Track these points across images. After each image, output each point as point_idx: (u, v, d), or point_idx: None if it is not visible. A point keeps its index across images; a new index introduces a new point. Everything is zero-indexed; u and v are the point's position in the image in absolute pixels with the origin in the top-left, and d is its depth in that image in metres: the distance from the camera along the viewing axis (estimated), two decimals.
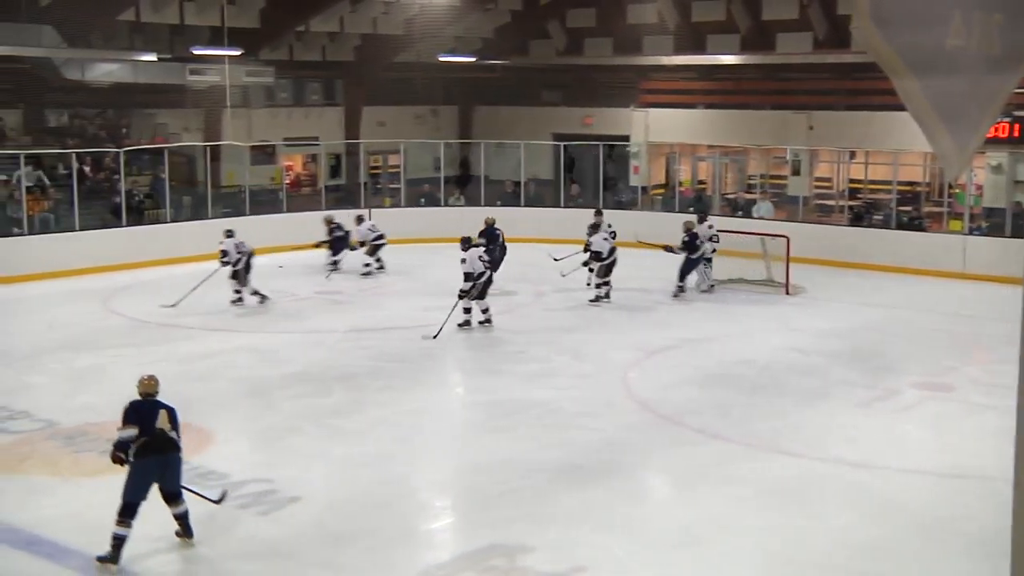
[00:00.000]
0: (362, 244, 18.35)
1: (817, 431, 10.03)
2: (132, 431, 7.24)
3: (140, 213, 20.32)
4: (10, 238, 17.92)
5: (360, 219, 18.76)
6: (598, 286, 15.93)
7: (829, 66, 24.06)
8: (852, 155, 22.91)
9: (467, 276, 13.89)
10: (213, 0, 21.59)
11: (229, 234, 15.54)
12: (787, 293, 16.51)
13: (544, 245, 21.75)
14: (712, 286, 16.63)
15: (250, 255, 15.40)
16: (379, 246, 18.38)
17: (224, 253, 15.31)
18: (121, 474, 7.28)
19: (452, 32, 26.01)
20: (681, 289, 16.33)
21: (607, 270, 15.95)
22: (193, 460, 8.94)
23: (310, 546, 7.46)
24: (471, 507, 8.27)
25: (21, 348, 12.96)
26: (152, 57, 21.26)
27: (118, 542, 7.10)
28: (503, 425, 10.12)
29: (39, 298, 16.08)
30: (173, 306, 15.03)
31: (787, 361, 12.56)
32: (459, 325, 13.90)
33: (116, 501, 7.49)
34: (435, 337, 13.40)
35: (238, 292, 15.42)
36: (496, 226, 17.05)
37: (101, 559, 7.12)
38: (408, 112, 28.33)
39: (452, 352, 13.30)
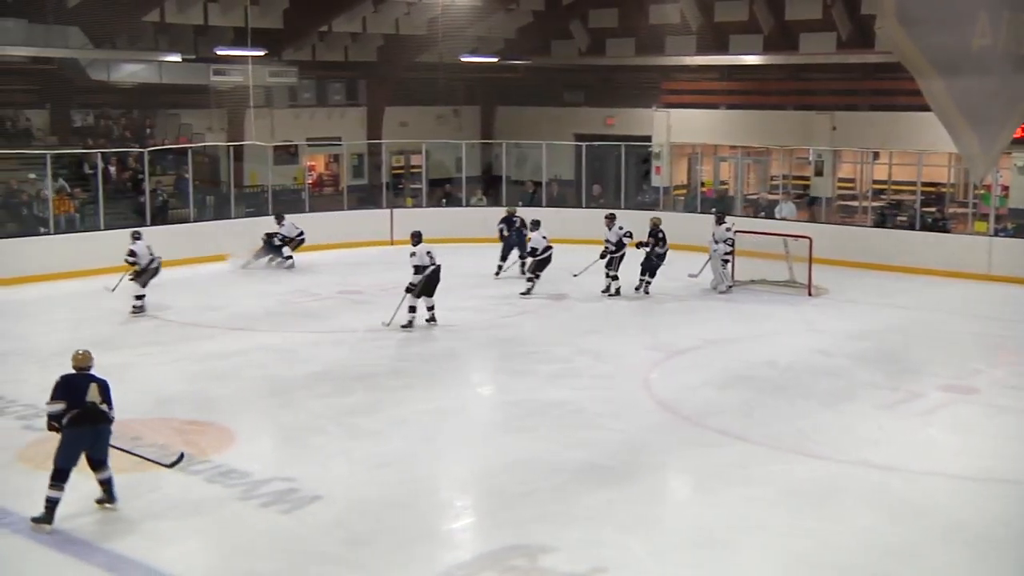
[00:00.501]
0: (287, 241, 19.04)
1: (841, 433, 9.97)
2: (59, 406, 7.80)
3: (164, 213, 20.46)
4: (36, 237, 18.07)
5: (280, 218, 19.32)
6: (529, 279, 16.52)
7: (853, 66, 23.92)
8: (876, 156, 22.76)
9: (416, 269, 13.87)
10: (237, 1, 21.70)
11: (137, 236, 15.12)
12: (809, 294, 16.43)
13: (566, 245, 21.77)
14: (730, 287, 16.57)
15: (158, 260, 15.01)
16: (300, 243, 19.24)
17: (132, 253, 14.86)
18: (144, 472, 7.33)
19: (474, 32, 26.03)
20: (644, 283, 16.42)
21: (539, 265, 16.49)
22: (215, 459, 9.01)
23: (331, 545, 7.48)
24: (492, 507, 8.27)
25: (48, 346, 13.06)
26: (176, 58, 21.43)
27: (51, 504, 7.63)
28: (524, 425, 10.12)
29: (63, 298, 16.20)
30: (112, 290, 15.19)
31: (810, 362, 12.50)
32: (403, 326, 13.84)
33: (140, 497, 7.56)
34: (387, 324, 13.85)
35: (140, 299, 14.89)
36: (515, 216, 18.08)
37: (35, 519, 7.63)
38: (430, 112, 28.38)
39: (473, 352, 13.31)
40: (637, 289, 16.41)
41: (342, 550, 7.41)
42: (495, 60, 26.38)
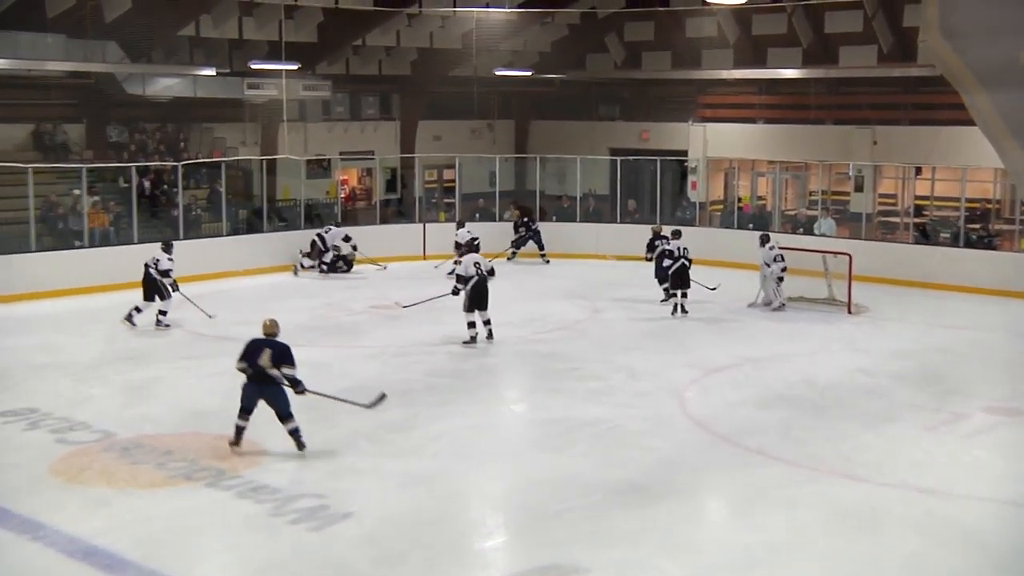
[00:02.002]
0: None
1: (883, 455, 9.84)
2: (241, 365, 9.51)
3: (197, 226, 20.67)
4: (71, 251, 18.30)
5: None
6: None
7: (894, 80, 23.76)
8: (918, 171, 22.55)
9: (459, 279, 13.96)
10: (272, 15, 21.93)
11: (166, 248, 15.28)
12: (849, 312, 16.29)
13: (600, 261, 21.79)
14: (783, 305, 16.46)
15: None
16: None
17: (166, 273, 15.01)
18: (174, 488, 7.35)
19: (509, 46, 26.14)
20: (666, 292, 16.60)
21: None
22: (246, 474, 9.05)
23: (361, 562, 7.48)
24: (526, 526, 8.24)
25: (82, 359, 13.21)
26: (211, 72, 21.69)
27: (238, 430, 9.50)
28: (559, 443, 10.09)
29: (98, 311, 16.38)
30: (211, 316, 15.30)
31: (851, 382, 12.37)
32: (464, 343, 13.89)
33: (171, 514, 7.57)
34: (405, 307, 14.56)
35: (164, 314, 15.02)
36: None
37: (231, 442, 9.44)
38: (464, 126, 28.51)
39: (507, 369, 13.30)
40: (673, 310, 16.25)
41: (372, 568, 7.41)
42: (529, 74, 26.47)
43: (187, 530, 7.99)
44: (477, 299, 13.86)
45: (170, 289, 15.11)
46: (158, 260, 15.17)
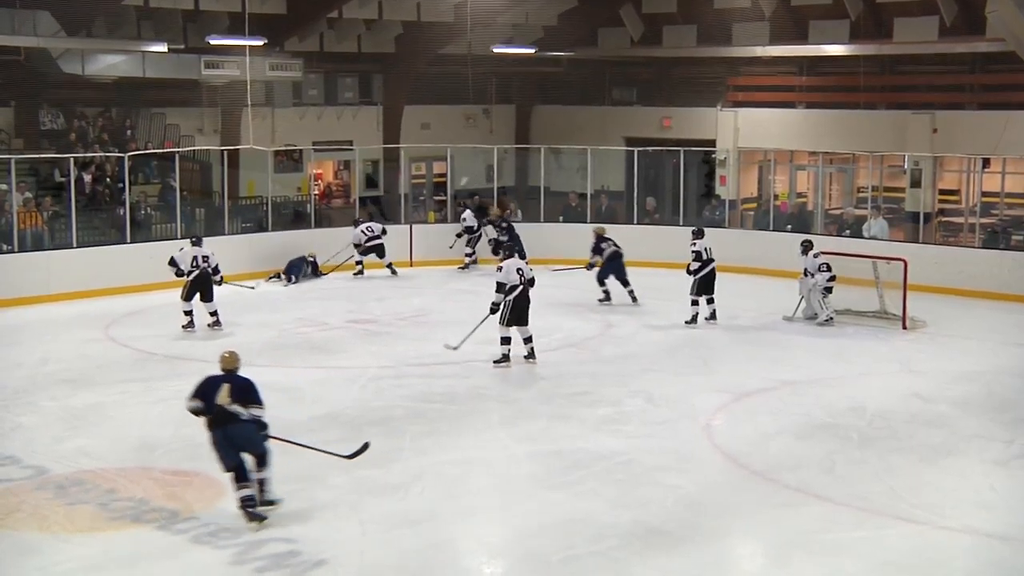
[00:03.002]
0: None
1: (943, 494, 9.85)
2: (195, 404, 9.13)
3: (147, 228, 20.70)
4: None
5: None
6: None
7: (958, 57, 23.83)
8: (985, 163, 22.61)
9: (499, 287, 14.05)
10: None
11: (194, 242, 16.25)
12: (904, 328, 16.32)
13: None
14: (831, 318, 16.51)
15: (206, 268, 15.88)
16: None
17: (172, 262, 16.07)
18: (119, 532, 7.36)
19: (509, 19, 26.20)
20: (606, 294, 18.17)
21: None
22: (203, 515, 9.06)
23: None
24: None
25: (10, 383, 13.22)
26: (162, 48, 21.72)
27: (246, 502, 8.87)
28: (566, 480, 10.10)
29: (31, 325, 16.41)
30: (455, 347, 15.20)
31: (906, 409, 12.38)
32: (495, 362, 13.93)
33: (114, 561, 7.56)
34: (456, 348, 14.23)
35: (187, 314, 15.88)
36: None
37: (250, 521, 8.83)
38: (456, 112, 28.59)
39: (506, 393, 13.31)
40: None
41: None
42: (532, 52, 26.52)
43: None
44: (518, 312, 13.94)
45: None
46: (207, 256, 15.93)
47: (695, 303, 16.50)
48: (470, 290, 19.19)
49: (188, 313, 15.83)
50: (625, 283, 18.02)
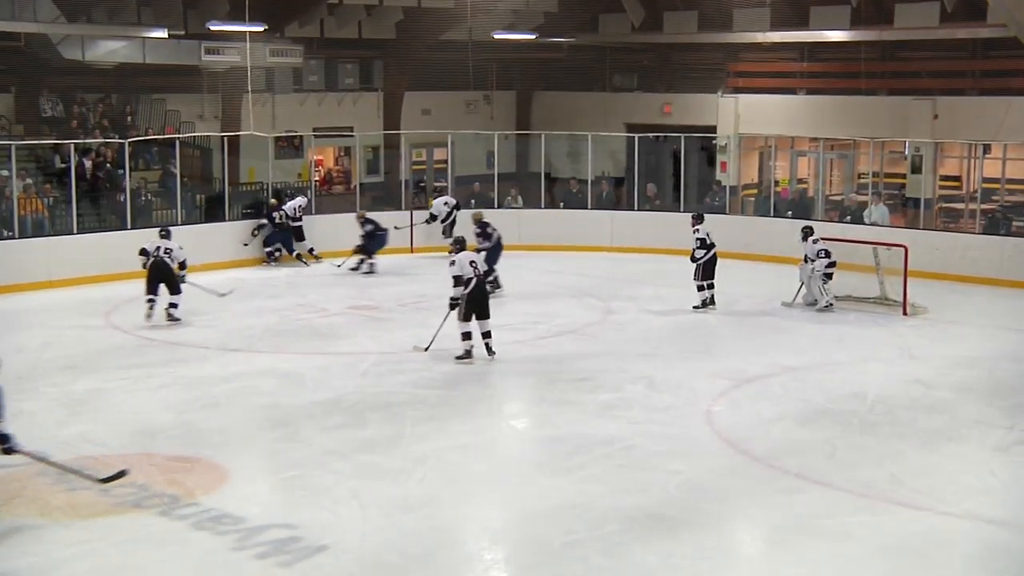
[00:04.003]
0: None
1: (944, 479, 9.85)
2: None
3: (147, 214, 20.68)
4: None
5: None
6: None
7: (959, 43, 23.77)
8: (986, 149, 22.58)
9: (456, 280, 13.48)
10: None
11: (165, 234, 15.94)
12: (904, 314, 16.31)
13: (614, 254, 21.83)
14: (830, 304, 16.50)
15: (160, 258, 15.60)
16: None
17: (143, 252, 15.68)
18: (120, 517, 7.32)
19: (509, 5, 26.15)
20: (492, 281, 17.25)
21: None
22: (204, 501, 9.05)
23: None
24: (528, 561, 8.24)
25: (11, 369, 13.15)
26: (162, 34, 21.68)
27: None
28: (566, 465, 10.09)
29: (32, 311, 16.40)
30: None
31: (906, 395, 12.38)
32: (457, 358, 13.57)
33: (114, 546, 7.55)
34: (426, 349, 13.82)
35: (149, 303, 15.49)
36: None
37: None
38: (457, 99, 28.55)
39: (506, 379, 13.31)
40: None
41: None
42: (533, 38, 26.45)
43: (135, 568, 7.98)
44: (474, 305, 13.53)
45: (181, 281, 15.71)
46: (170, 249, 15.56)
47: (701, 288, 16.49)
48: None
49: (148, 303, 15.41)
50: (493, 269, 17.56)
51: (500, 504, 9.37)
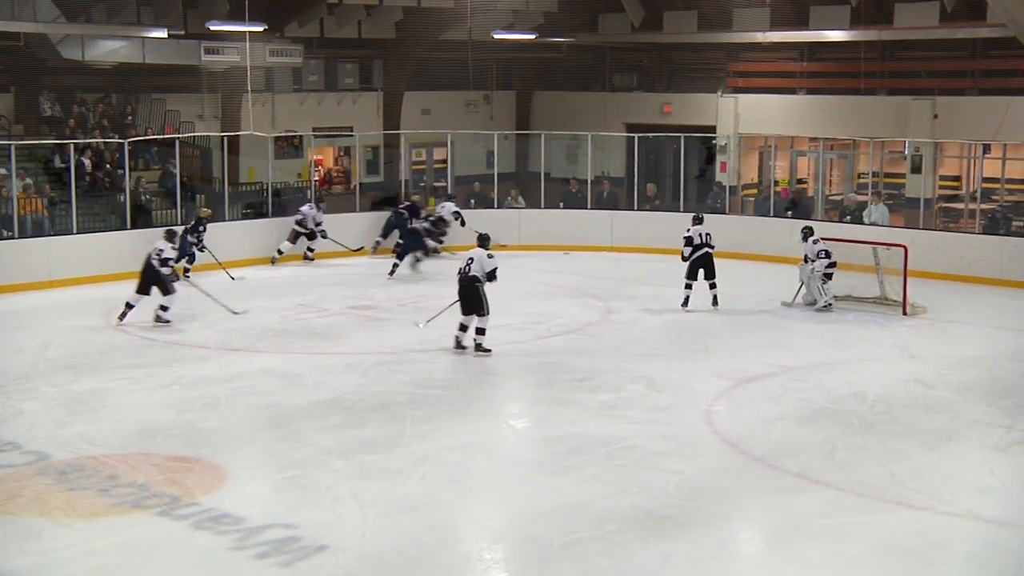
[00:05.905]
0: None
1: (943, 479, 9.85)
2: None
3: (147, 214, 20.68)
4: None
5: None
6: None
7: (959, 42, 23.76)
8: (986, 149, 22.59)
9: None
10: None
11: (171, 237, 15.85)
12: (904, 313, 16.31)
13: (615, 254, 21.84)
14: (829, 304, 16.50)
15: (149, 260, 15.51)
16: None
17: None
18: (120, 517, 7.32)
19: (509, 5, 26.13)
20: (395, 268, 19.24)
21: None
22: (204, 501, 9.05)
23: None
24: (528, 561, 8.24)
25: (11, 369, 13.21)
26: (162, 34, 21.66)
27: None
28: (567, 465, 10.09)
29: (32, 311, 16.39)
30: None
31: (906, 394, 12.38)
32: (455, 347, 14.04)
33: (114, 546, 7.55)
34: (420, 326, 14.62)
35: (166, 309, 15.48)
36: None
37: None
38: (457, 98, 28.53)
39: (507, 379, 13.32)
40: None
41: None
42: (533, 37, 26.44)
43: (135, 568, 7.98)
44: (463, 302, 13.93)
45: (173, 282, 15.57)
46: (161, 250, 15.43)
47: (688, 286, 16.50)
48: None
49: (126, 304, 15.36)
50: (403, 257, 19.35)
51: (500, 504, 9.37)
